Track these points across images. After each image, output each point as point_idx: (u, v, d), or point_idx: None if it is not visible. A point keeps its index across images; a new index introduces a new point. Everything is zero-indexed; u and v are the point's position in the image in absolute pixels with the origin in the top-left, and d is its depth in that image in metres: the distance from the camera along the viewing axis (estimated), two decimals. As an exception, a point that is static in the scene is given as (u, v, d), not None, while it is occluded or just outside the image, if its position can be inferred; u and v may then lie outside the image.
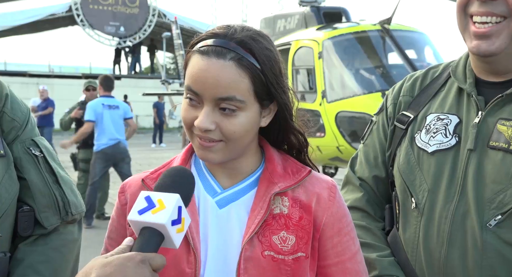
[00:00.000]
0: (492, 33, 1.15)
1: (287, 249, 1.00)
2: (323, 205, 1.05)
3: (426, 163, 1.27)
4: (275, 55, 1.02)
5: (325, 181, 1.09)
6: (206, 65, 0.95)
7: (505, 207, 1.12)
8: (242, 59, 0.96)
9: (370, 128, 1.48)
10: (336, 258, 1.06)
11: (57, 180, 1.23)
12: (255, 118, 1.01)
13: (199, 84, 0.96)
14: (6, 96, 1.23)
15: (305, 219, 1.03)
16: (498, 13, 1.14)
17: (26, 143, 1.23)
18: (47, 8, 28.18)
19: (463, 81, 1.28)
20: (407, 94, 1.40)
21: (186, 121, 1.00)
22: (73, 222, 1.27)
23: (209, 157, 1.00)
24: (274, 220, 1.01)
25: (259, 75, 0.98)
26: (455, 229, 1.18)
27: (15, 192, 1.17)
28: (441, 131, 1.27)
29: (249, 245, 0.99)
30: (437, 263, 1.21)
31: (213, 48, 0.96)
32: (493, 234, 1.14)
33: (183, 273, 0.98)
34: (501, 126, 1.18)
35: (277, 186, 1.03)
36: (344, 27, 7.49)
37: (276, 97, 1.02)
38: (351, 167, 1.48)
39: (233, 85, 0.95)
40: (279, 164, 1.07)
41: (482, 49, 1.17)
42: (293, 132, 1.10)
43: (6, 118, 1.21)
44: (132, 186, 1.10)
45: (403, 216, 1.31)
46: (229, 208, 1.03)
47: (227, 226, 1.02)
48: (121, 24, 28.69)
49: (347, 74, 6.98)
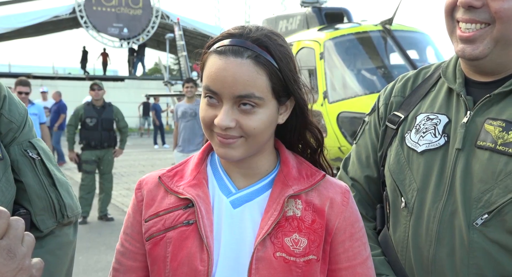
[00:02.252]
0: (476, 38, 1.17)
1: (298, 251, 1.01)
2: (336, 210, 1.06)
3: (415, 163, 1.28)
4: (289, 52, 1.04)
5: (339, 186, 1.10)
6: (224, 64, 0.97)
7: (492, 206, 1.13)
8: (259, 57, 0.97)
9: (362, 128, 1.50)
10: (347, 262, 1.06)
11: (54, 183, 1.21)
12: (273, 115, 1.02)
13: (218, 83, 0.97)
14: (4, 97, 1.20)
15: (318, 223, 1.03)
16: (481, 20, 1.16)
17: (24, 145, 1.21)
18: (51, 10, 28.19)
19: (452, 82, 1.29)
20: (399, 95, 1.42)
21: (205, 121, 1.01)
22: (69, 224, 1.25)
23: (229, 154, 1.01)
24: (287, 222, 1.02)
25: (276, 72, 0.99)
26: (443, 228, 1.19)
27: (12, 195, 1.15)
28: (431, 131, 1.28)
29: (261, 246, 1.00)
30: (425, 261, 1.22)
31: (230, 48, 0.98)
32: (479, 233, 1.15)
33: (196, 270, 0.99)
34: (488, 126, 1.19)
35: (291, 188, 1.04)
36: (345, 28, 7.47)
37: (294, 92, 1.04)
38: (344, 167, 1.50)
39: (251, 82, 0.96)
40: (294, 167, 1.09)
41: (466, 53, 1.19)
42: (310, 128, 1.12)
43: (3, 120, 1.19)
44: (149, 182, 1.11)
45: (393, 216, 1.32)
46: (243, 208, 1.04)
47: (241, 225, 1.03)
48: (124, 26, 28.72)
49: (349, 74, 6.96)
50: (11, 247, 0.68)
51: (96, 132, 6.78)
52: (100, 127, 6.80)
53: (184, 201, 1.05)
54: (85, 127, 6.80)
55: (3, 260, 0.66)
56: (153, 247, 1.05)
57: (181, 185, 1.07)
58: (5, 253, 0.67)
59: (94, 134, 6.77)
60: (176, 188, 1.07)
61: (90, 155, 6.85)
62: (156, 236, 1.05)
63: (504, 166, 1.13)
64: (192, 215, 1.03)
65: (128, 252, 1.11)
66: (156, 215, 1.06)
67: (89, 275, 4.78)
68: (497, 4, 1.13)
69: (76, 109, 7.00)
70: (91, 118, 6.77)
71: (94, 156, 6.87)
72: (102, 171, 7.03)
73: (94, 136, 6.77)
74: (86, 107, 6.89)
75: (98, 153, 6.88)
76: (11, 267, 0.67)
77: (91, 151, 6.84)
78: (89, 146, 6.82)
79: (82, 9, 27.96)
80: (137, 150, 16.18)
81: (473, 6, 1.15)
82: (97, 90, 6.82)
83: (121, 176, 10.75)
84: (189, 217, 1.03)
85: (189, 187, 1.06)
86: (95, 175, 7.03)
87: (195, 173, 1.09)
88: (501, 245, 1.13)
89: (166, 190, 1.08)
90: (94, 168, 6.97)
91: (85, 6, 27.96)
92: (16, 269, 0.68)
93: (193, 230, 1.02)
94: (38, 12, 27.67)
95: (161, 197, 1.08)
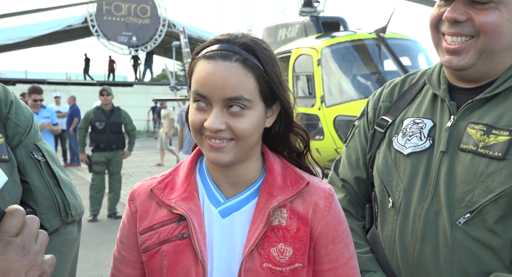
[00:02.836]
0: (462, 50, 1.17)
1: (284, 261, 0.99)
2: (319, 215, 1.04)
3: (402, 165, 1.27)
4: (274, 57, 1.03)
5: (322, 190, 1.07)
6: (213, 68, 0.95)
7: (473, 205, 1.13)
8: (246, 60, 0.96)
9: (352, 132, 1.49)
10: (329, 264, 1.05)
11: (58, 183, 1.22)
12: (261, 117, 1.01)
13: (207, 87, 0.95)
14: (11, 102, 1.20)
15: (302, 230, 1.02)
16: (466, 33, 1.16)
17: (29, 147, 1.21)
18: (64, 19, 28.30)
19: (437, 88, 1.29)
20: (386, 100, 1.41)
21: (194, 125, 0.99)
22: (73, 223, 1.25)
23: (220, 158, 0.99)
24: (273, 232, 1.01)
25: (263, 75, 0.98)
26: (427, 227, 1.19)
27: (18, 195, 1.15)
28: (416, 134, 1.27)
29: (249, 257, 0.99)
30: (411, 259, 1.21)
31: (218, 52, 0.96)
32: (462, 231, 1.14)
33: None
34: (470, 130, 1.18)
35: (276, 199, 1.02)
36: (341, 36, 7.46)
37: (279, 95, 1.02)
38: (335, 169, 1.49)
39: (240, 85, 0.95)
40: (279, 174, 1.06)
41: (453, 64, 1.19)
42: (295, 131, 1.10)
43: (10, 123, 1.19)
44: (141, 194, 1.09)
45: (381, 215, 1.31)
46: (232, 217, 1.03)
47: (230, 235, 1.02)
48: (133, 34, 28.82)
49: (345, 80, 6.96)
50: (25, 244, 0.68)
51: (105, 135, 6.78)
52: (109, 130, 6.80)
53: (177, 215, 1.03)
54: (95, 130, 6.80)
55: (17, 257, 0.67)
56: (149, 259, 1.04)
57: (173, 198, 1.04)
58: (19, 250, 0.67)
59: (103, 137, 6.78)
60: (168, 201, 1.04)
61: (99, 156, 6.86)
62: (151, 249, 1.03)
63: (485, 168, 1.13)
64: (185, 229, 1.01)
65: (126, 261, 1.10)
66: (150, 228, 1.04)
67: (99, 270, 4.80)
68: (481, 18, 1.13)
69: (86, 113, 7.01)
70: (100, 122, 6.78)
71: (104, 157, 6.87)
72: (111, 171, 7.03)
73: (103, 139, 6.78)
74: (96, 111, 6.90)
75: (107, 154, 6.89)
76: (24, 263, 0.67)
77: (100, 152, 6.85)
78: (98, 148, 6.84)
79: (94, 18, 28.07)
80: (144, 152, 16.19)
81: (458, 20, 1.15)
82: (106, 96, 6.82)
83: (130, 176, 10.74)
84: (182, 230, 1.01)
85: (181, 200, 1.04)
86: (105, 175, 7.03)
87: (186, 185, 1.06)
88: (482, 243, 1.13)
89: (158, 203, 1.05)
90: (104, 169, 6.98)
91: (96, 16, 28.07)
92: (29, 265, 0.68)
93: (187, 244, 1.00)
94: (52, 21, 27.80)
95: (154, 209, 1.06)
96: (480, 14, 1.12)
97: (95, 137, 6.83)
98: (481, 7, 1.12)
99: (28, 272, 0.67)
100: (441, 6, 1.20)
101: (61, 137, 12.63)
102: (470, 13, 1.14)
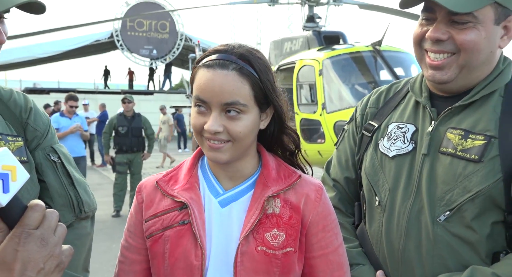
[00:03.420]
0: (444, 65, 1.16)
1: (277, 244, 0.99)
2: (310, 206, 1.04)
3: (387, 166, 1.26)
4: (268, 65, 1.03)
5: (313, 184, 1.07)
6: (212, 75, 0.96)
7: (453, 204, 1.12)
8: (242, 69, 0.96)
9: (342, 135, 1.48)
10: (320, 251, 1.05)
11: (73, 182, 1.22)
12: (256, 120, 1.01)
13: (207, 93, 0.96)
14: (30, 109, 1.22)
15: (294, 218, 1.02)
16: (447, 50, 1.15)
17: (46, 150, 1.22)
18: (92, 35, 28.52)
19: (419, 95, 1.27)
20: (373, 106, 1.40)
21: (196, 127, 1.00)
22: (86, 218, 1.26)
23: (219, 157, 1.00)
24: (267, 219, 1.00)
25: (257, 82, 0.98)
26: (411, 223, 1.17)
27: (36, 193, 1.16)
28: (400, 138, 1.26)
29: (245, 241, 0.98)
30: (396, 253, 1.20)
31: (217, 62, 0.97)
32: (442, 228, 1.13)
33: (192, 265, 0.98)
34: (449, 134, 1.17)
35: (271, 189, 1.02)
36: (341, 48, 7.44)
37: (272, 100, 1.02)
38: (327, 169, 1.48)
39: (237, 91, 0.95)
40: (274, 169, 1.06)
41: (436, 78, 1.18)
42: (287, 133, 1.10)
43: (29, 128, 1.20)
44: (147, 186, 1.10)
45: (369, 212, 1.30)
46: (230, 207, 1.03)
47: (228, 223, 1.01)
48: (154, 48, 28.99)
49: (344, 89, 6.93)
50: (44, 236, 0.68)
51: (127, 138, 6.82)
52: (131, 134, 6.83)
53: (179, 203, 1.03)
54: (117, 134, 6.84)
55: (37, 248, 0.67)
56: (153, 244, 1.03)
57: (176, 189, 1.05)
58: (39, 242, 0.67)
59: (125, 140, 6.82)
60: (171, 192, 1.05)
61: (122, 158, 6.89)
62: (155, 234, 1.03)
63: (463, 169, 1.12)
64: (186, 216, 1.01)
65: (132, 247, 1.10)
66: (154, 215, 1.05)
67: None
68: (461, 37, 1.12)
69: (110, 119, 7.06)
70: (123, 126, 6.81)
71: (126, 158, 6.90)
72: (133, 171, 7.05)
73: (125, 142, 6.82)
74: (119, 117, 6.93)
75: (129, 156, 6.91)
76: (43, 254, 0.67)
77: (123, 154, 6.88)
78: (121, 150, 6.87)
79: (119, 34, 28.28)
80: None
81: (440, 40, 1.14)
82: (127, 103, 6.86)
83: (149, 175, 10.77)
84: (184, 217, 1.01)
85: (183, 190, 1.04)
86: (127, 175, 7.06)
87: (188, 177, 1.07)
88: (461, 238, 1.12)
89: (163, 193, 1.06)
90: (126, 169, 7.00)
91: (121, 32, 28.29)
92: (48, 256, 0.68)
93: (188, 229, 1.00)
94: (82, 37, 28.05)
95: (158, 199, 1.07)
96: (460, 33, 1.11)
97: (118, 140, 6.86)
98: (461, 27, 1.11)
99: (47, 261, 0.67)
100: (423, 25, 1.19)
101: (89, 141, 12.72)
102: (451, 32, 1.13)
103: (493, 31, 1.12)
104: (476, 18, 1.10)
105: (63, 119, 6.59)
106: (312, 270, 1.05)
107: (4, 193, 0.66)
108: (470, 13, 1.09)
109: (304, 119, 7.14)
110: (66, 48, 27.63)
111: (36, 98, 6.90)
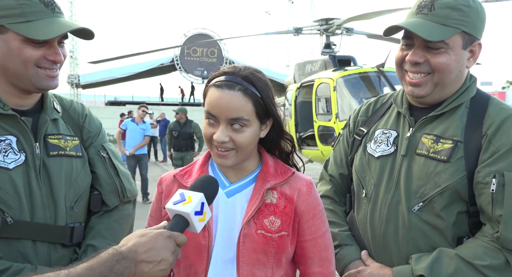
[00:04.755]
0: (421, 83, 1.12)
1: (274, 229, 0.98)
2: (302, 197, 1.01)
3: (373, 165, 1.22)
4: (269, 84, 1.00)
5: (305, 180, 1.05)
6: (220, 95, 0.94)
7: (425, 196, 1.08)
8: (246, 90, 0.94)
9: (338, 139, 1.44)
10: (310, 235, 1.02)
11: (118, 173, 1.23)
12: (257, 132, 0.99)
13: (216, 109, 0.94)
14: (86, 115, 1.25)
15: (288, 207, 1.00)
16: (424, 71, 1.11)
17: (98, 147, 1.24)
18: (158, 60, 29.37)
19: (400, 107, 1.23)
20: (363, 115, 1.36)
21: (206, 136, 0.99)
22: (129, 202, 1.27)
23: (224, 162, 0.99)
24: (265, 207, 0.99)
25: (259, 101, 0.96)
26: (390, 212, 1.14)
27: (88, 181, 1.19)
28: (384, 142, 1.23)
29: (247, 225, 0.97)
30: (378, 237, 1.16)
31: (225, 82, 0.95)
32: (416, 216, 1.09)
33: (200, 244, 0.98)
34: (424, 139, 1.14)
35: (269, 183, 1.01)
36: (351, 69, 7.31)
37: (272, 113, 1.00)
38: (325, 166, 1.44)
39: (241, 108, 0.94)
40: (272, 166, 1.05)
41: (415, 93, 1.14)
42: (284, 138, 1.08)
43: (85, 130, 1.23)
44: (167, 179, 1.09)
45: (357, 203, 1.26)
46: (234, 197, 1.01)
47: (232, 210, 1.00)
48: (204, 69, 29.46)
49: (353, 102, 6.79)
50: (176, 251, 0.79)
51: (178, 140, 7.01)
52: (181, 137, 7.01)
53: None
54: (172, 137, 7.05)
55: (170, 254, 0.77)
56: None
57: (189, 181, 1.04)
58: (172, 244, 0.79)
59: (177, 141, 7.01)
60: (185, 184, 1.04)
61: (177, 155, 7.07)
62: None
63: (434, 168, 1.08)
64: None
65: None
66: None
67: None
68: (435, 60, 1.09)
69: (169, 125, 7.28)
70: (175, 131, 7.01)
71: (179, 155, 7.07)
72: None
73: (177, 143, 7.01)
74: (174, 123, 7.12)
75: (181, 154, 7.06)
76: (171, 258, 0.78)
77: (177, 152, 7.06)
78: (175, 149, 7.07)
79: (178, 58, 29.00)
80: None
81: (418, 62, 1.11)
82: (180, 114, 7.06)
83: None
84: None
85: None
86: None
87: (200, 172, 1.06)
88: (431, 225, 1.08)
89: (179, 185, 1.05)
90: (180, 164, 7.11)
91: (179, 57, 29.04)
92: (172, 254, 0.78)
93: None
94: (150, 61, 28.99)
95: (175, 190, 1.05)
96: (435, 57, 1.08)
97: (173, 142, 7.07)
98: (435, 52, 1.08)
99: (174, 251, 0.78)
100: (404, 49, 1.16)
101: (153, 142, 13.12)
102: (426, 56, 1.09)
103: (462, 54, 1.09)
104: (447, 45, 1.07)
105: (131, 124, 6.96)
106: (303, 251, 1.03)
107: (199, 223, 0.81)
108: (443, 41, 1.06)
109: (321, 126, 7.07)
110: (138, 70, 28.66)
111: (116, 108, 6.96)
